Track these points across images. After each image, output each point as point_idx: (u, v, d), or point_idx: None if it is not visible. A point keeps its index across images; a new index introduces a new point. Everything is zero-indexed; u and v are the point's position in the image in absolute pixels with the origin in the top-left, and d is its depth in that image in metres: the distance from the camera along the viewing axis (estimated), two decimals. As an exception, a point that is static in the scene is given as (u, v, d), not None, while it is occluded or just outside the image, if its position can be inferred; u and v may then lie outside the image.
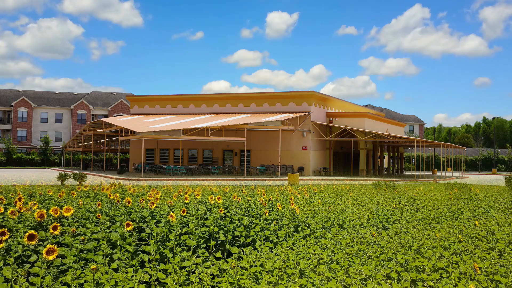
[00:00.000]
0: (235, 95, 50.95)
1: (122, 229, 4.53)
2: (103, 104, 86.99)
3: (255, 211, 6.37)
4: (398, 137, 46.52)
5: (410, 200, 9.18)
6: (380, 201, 8.82)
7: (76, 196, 7.05)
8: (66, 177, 25.48)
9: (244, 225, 5.38)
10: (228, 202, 6.89)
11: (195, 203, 6.52)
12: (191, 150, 50.07)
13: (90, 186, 9.85)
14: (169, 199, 6.86)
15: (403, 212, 7.21)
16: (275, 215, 6.14)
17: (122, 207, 5.79)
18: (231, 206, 6.43)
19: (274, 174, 42.07)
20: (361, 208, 7.58)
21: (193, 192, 6.87)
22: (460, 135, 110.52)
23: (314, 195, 9.73)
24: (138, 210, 5.86)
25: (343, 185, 12.46)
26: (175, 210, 5.82)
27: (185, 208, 5.98)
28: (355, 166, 47.37)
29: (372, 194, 10.28)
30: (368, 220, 6.33)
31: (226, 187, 7.61)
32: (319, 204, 7.43)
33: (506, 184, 22.94)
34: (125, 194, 7.53)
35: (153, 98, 53.52)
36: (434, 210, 7.62)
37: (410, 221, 6.65)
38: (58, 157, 74.57)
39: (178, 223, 5.07)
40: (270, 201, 7.29)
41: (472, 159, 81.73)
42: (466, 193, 11.56)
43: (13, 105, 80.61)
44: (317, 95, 47.25)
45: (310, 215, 6.24)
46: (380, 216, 6.75)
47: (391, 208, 7.80)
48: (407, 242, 4.87)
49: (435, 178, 43.75)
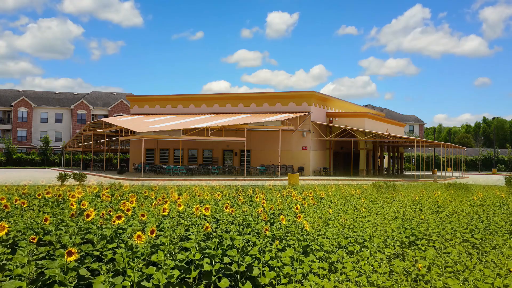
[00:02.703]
0: (235, 95, 50.17)
1: (63, 260, 3.21)
2: (103, 104, 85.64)
3: (253, 226, 4.99)
4: (398, 137, 45.84)
5: (430, 205, 7.87)
6: (396, 206, 7.55)
7: (26, 207, 5.65)
8: (66, 177, 24.42)
9: (237, 248, 4.07)
10: (219, 213, 5.51)
11: (177, 214, 5.17)
12: (191, 150, 49.18)
13: (68, 186, 8.51)
14: (148, 208, 5.55)
15: (429, 223, 5.90)
16: (277, 230, 4.83)
17: (74, 223, 4.43)
18: (222, 220, 5.09)
19: (274, 174, 41.19)
20: (379, 217, 6.26)
21: (179, 199, 5.56)
22: (460, 135, 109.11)
23: (321, 201, 8.39)
24: (101, 226, 4.46)
25: (352, 188, 11.14)
26: (150, 225, 4.49)
27: (167, 220, 4.70)
28: (355, 166, 46.34)
29: (386, 200, 8.95)
30: (392, 233, 5.02)
31: (219, 193, 6.24)
32: (330, 214, 6.09)
33: (506, 184, 22.02)
34: (97, 205, 6.18)
35: (153, 98, 52.64)
36: (466, 220, 6.32)
37: (443, 234, 5.34)
38: (58, 157, 73.33)
39: (147, 247, 3.76)
40: (271, 210, 5.92)
41: (472, 159, 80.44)
42: (492, 197, 10.26)
43: (13, 105, 79.23)
44: (317, 95, 46.43)
45: (321, 230, 4.91)
46: (406, 229, 5.44)
47: (410, 215, 6.51)
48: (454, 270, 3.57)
49: (435, 178, 42.74)
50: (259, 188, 10.37)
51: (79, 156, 65.85)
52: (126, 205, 4.69)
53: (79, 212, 5.37)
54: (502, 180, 34.71)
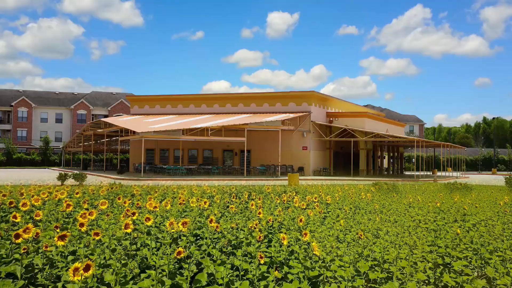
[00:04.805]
0: (235, 95, 49.53)
1: None
2: (103, 104, 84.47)
3: (243, 248, 3.71)
4: (398, 137, 45.21)
5: (453, 212, 6.71)
6: (413, 214, 6.44)
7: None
8: (66, 177, 23.46)
9: (220, 284, 2.88)
10: (201, 230, 4.27)
11: (146, 230, 4.00)
12: (191, 150, 48.36)
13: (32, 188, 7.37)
14: (113, 220, 4.39)
15: (460, 237, 4.75)
16: (277, 253, 3.68)
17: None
18: (204, 239, 3.89)
19: (274, 174, 40.32)
20: (398, 228, 5.11)
21: (156, 208, 4.41)
22: (460, 135, 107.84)
23: (327, 207, 7.22)
24: (26, 253, 3.11)
25: (362, 192, 9.98)
26: (102, 246, 3.32)
27: (126, 242, 3.57)
28: (355, 166, 45.39)
29: (400, 205, 7.79)
30: (422, 253, 3.87)
31: (205, 200, 5.07)
32: (341, 226, 4.92)
33: (506, 184, 21.68)
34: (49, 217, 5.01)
35: (153, 98, 51.89)
36: (508, 232, 5.18)
37: (486, 257, 4.17)
38: (58, 157, 72.27)
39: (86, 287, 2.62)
40: (269, 223, 4.73)
41: (472, 159, 79.28)
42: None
43: (13, 105, 78.03)
44: (317, 95, 45.69)
45: (332, 252, 3.73)
46: (438, 246, 4.27)
47: (434, 226, 5.39)
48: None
49: (435, 178, 41.88)
50: (257, 192, 9.22)
51: (79, 156, 64.83)
52: (85, 217, 3.60)
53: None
54: (502, 180, 33.88)
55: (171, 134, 38.01)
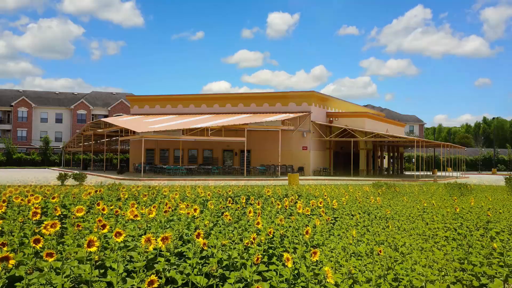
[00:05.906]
0: (235, 95, 49.00)
1: None
2: (103, 104, 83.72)
3: (237, 274, 2.88)
4: (398, 137, 44.69)
5: (473, 218, 6.01)
6: (430, 222, 5.76)
7: None
8: (66, 177, 22.87)
9: None
10: (187, 246, 3.49)
11: (117, 248, 3.25)
12: (191, 150, 47.78)
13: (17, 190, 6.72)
14: (85, 231, 3.70)
15: (495, 253, 4.07)
16: (279, 277, 2.97)
17: None
18: (189, 260, 3.13)
19: (274, 174, 39.71)
20: (419, 240, 4.41)
21: (137, 217, 3.68)
22: (460, 135, 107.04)
23: (334, 212, 6.51)
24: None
25: (371, 195, 9.25)
26: (50, 274, 2.61)
27: (86, 266, 2.89)
28: (355, 166, 44.76)
29: (413, 210, 7.07)
30: (454, 273, 3.18)
31: (196, 207, 4.33)
32: (354, 239, 4.21)
33: (506, 184, 21.31)
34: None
35: (153, 98, 51.33)
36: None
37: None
38: (58, 157, 71.56)
39: None
40: (269, 235, 4.02)
41: (472, 159, 78.56)
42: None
43: (13, 105, 77.25)
44: (317, 95, 45.14)
45: (344, 275, 2.98)
46: (473, 264, 3.58)
47: (461, 238, 4.71)
48: None
49: (435, 178, 41.27)
50: (256, 195, 8.49)
51: (79, 156, 64.15)
52: (48, 230, 2.93)
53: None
54: (502, 180, 33.33)
55: (171, 134, 37.58)
